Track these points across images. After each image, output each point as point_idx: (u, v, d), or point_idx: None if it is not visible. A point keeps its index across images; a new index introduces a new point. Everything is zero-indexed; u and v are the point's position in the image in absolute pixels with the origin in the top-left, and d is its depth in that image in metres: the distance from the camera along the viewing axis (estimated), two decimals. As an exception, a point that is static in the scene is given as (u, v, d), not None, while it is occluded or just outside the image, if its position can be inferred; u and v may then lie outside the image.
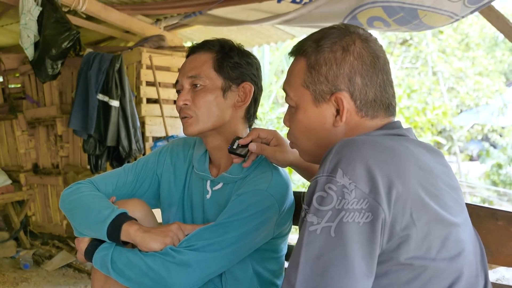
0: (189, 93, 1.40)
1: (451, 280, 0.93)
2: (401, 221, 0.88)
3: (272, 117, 9.09)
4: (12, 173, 4.76)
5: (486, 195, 8.97)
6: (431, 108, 9.82)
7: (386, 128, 1.03)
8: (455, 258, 0.93)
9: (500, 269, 3.60)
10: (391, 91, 1.06)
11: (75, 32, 3.33)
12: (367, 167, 0.88)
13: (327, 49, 1.03)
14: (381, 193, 0.87)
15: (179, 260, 1.22)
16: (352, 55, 1.02)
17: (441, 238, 0.92)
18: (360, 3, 2.81)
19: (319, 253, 0.87)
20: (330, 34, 1.05)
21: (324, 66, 1.03)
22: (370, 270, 0.87)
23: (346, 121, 1.04)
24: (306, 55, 1.06)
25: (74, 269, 4.00)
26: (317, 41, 1.05)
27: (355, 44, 1.03)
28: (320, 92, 1.04)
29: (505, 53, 11.86)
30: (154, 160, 1.53)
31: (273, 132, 1.36)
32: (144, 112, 3.80)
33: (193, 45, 1.46)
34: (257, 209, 1.28)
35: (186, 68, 1.43)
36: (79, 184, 1.46)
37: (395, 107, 1.08)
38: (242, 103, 1.41)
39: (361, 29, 1.07)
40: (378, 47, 1.06)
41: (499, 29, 3.16)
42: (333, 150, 0.93)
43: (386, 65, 1.05)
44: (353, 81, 1.02)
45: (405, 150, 0.96)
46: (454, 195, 1.00)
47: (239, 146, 1.33)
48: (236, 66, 1.40)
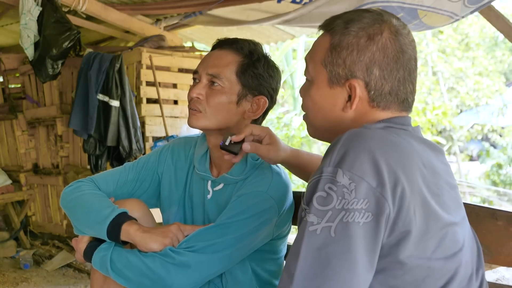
0: (205, 88, 1.38)
1: (445, 279, 0.93)
2: (404, 217, 0.87)
3: (272, 117, 9.09)
4: (12, 173, 4.76)
5: (486, 195, 8.96)
6: (431, 108, 9.82)
7: (393, 122, 1.01)
8: (451, 258, 0.93)
9: (500, 269, 3.60)
10: (410, 87, 1.03)
11: (75, 32, 3.33)
12: (374, 161, 0.87)
13: (353, 32, 1.01)
14: (387, 188, 0.86)
15: (179, 261, 1.21)
16: (376, 45, 0.99)
17: (438, 238, 0.92)
18: (360, 3, 2.81)
19: (322, 244, 0.86)
20: (361, 18, 1.02)
21: (346, 50, 1.01)
22: (371, 265, 0.87)
23: (356, 108, 1.02)
24: (332, 34, 1.04)
25: (74, 269, 4.00)
26: (347, 22, 1.02)
27: (382, 35, 0.99)
28: (336, 75, 1.02)
29: (505, 53, 11.85)
30: (155, 159, 1.53)
31: (266, 129, 1.35)
32: (144, 112, 3.80)
33: (223, 39, 1.44)
34: (257, 211, 1.28)
35: (209, 63, 1.40)
36: (80, 182, 1.46)
37: (411, 103, 1.05)
38: (252, 114, 1.41)
39: (396, 19, 1.03)
40: (408, 41, 1.02)
41: (499, 29, 3.17)
42: (341, 140, 0.92)
43: (411, 61, 1.02)
44: (371, 71, 0.99)
45: (410, 146, 0.95)
46: (453, 194, 1.00)
47: (231, 142, 1.32)
48: (258, 77, 1.38)
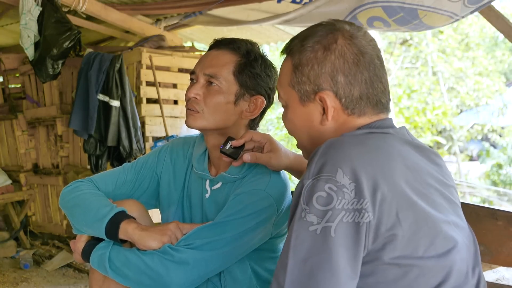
0: (202, 88, 1.38)
1: (439, 278, 0.93)
2: (387, 222, 0.88)
3: (272, 117, 9.10)
4: (12, 173, 4.76)
5: (486, 195, 8.96)
6: (431, 108, 9.83)
7: (374, 127, 1.02)
8: (444, 256, 0.93)
9: (500, 269, 3.60)
10: (380, 86, 1.03)
11: (76, 32, 3.33)
12: (352, 170, 0.88)
13: (309, 48, 1.03)
14: (365, 196, 0.87)
15: (178, 258, 1.22)
16: (333, 54, 1.01)
17: (430, 237, 0.92)
18: (360, 3, 2.81)
19: (306, 256, 0.88)
20: (315, 32, 1.04)
21: (306, 66, 1.03)
22: (354, 273, 0.89)
23: (333, 119, 1.03)
24: (292, 55, 1.06)
25: (74, 269, 4.00)
26: (302, 40, 1.05)
27: (337, 42, 1.01)
28: (304, 92, 1.04)
29: (505, 53, 11.85)
30: (154, 159, 1.53)
31: (266, 136, 1.36)
32: (144, 112, 3.80)
33: (220, 39, 1.44)
34: (256, 209, 1.28)
35: (206, 63, 1.40)
36: (78, 182, 1.46)
37: (385, 103, 1.06)
38: (249, 114, 1.41)
39: (349, 24, 1.05)
40: (366, 42, 1.03)
41: (499, 29, 3.16)
42: (318, 151, 0.93)
43: (374, 60, 1.03)
44: (336, 80, 1.01)
45: (391, 149, 0.96)
46: (446, 193, 1.00)
47: (231, 147, 1.33)
48: (255, 77, 1.39)
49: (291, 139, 8.63)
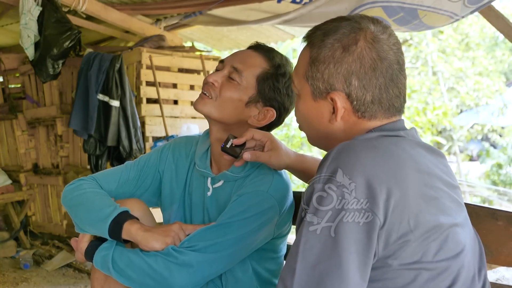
0: (223, 78, 1.39)
1: (449, 281, 0.93)
2: (398, 229, 0.88)
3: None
4: (12, 173, 4.75)
5: (486, 195, 8.96)
6: (431, 108, 9.83)
7: (385, 129, 1.01)
8: (453, 259, 0.93)
9: (500, 269, 3.60)
10: (395, 91, 1.01)
11: (76, 31, 3.33)
12: (366, 177, 0.87)
13: (329, 45, 1.01)
14: (378, 203, 0.86)
15: (182, 261, 1.22)
16: (352, 56, 0.99)
17: (439, 241, 0.91)
18: (360, 3, 2.81)
19: (316, 261, 0.87)
20: (338, 28, 1.01)
21: (323, 63, 1.01)
22: (363, 279, 0.88)
23: (343, 119, 1.03)
24: (311, 47, 1.04)
25: (74, 269, 4.00)
26: (324, 34, 1.02)
27: (357, 45, 0.99)
28: (317, 88, 1.03)
29: (505, 53, 11.85)
30: (156, 157, 1.53)
31: (267, 135, 1.35)
32: (144, 112, 3.80)
33: (261, 43, 1.46)
34: (258, 210, 1.28)
35: (237, 57, 1.42)
36: (81, 180, 1.46)
37: (399, 107, 1.04)
38: (256, 122, 1.41)
39: (375, 23, 1.02)
40: (388, 46, 1.00)
41: (499, 29, 3.16)
42: (330, 156, 0.92)
43: (393, 66, 1.00)
44: (350, 82, 0.99)
45: (403, 153, 0.95)
46: (454, 195, 1.00)
47: (232, 145, 1.33)
48: (275, 90, 1.39)
49: (290, 140, 8.63)
